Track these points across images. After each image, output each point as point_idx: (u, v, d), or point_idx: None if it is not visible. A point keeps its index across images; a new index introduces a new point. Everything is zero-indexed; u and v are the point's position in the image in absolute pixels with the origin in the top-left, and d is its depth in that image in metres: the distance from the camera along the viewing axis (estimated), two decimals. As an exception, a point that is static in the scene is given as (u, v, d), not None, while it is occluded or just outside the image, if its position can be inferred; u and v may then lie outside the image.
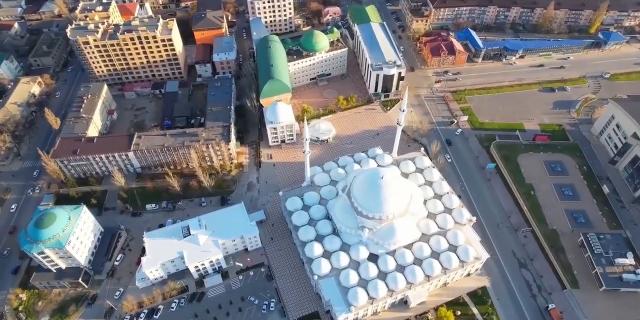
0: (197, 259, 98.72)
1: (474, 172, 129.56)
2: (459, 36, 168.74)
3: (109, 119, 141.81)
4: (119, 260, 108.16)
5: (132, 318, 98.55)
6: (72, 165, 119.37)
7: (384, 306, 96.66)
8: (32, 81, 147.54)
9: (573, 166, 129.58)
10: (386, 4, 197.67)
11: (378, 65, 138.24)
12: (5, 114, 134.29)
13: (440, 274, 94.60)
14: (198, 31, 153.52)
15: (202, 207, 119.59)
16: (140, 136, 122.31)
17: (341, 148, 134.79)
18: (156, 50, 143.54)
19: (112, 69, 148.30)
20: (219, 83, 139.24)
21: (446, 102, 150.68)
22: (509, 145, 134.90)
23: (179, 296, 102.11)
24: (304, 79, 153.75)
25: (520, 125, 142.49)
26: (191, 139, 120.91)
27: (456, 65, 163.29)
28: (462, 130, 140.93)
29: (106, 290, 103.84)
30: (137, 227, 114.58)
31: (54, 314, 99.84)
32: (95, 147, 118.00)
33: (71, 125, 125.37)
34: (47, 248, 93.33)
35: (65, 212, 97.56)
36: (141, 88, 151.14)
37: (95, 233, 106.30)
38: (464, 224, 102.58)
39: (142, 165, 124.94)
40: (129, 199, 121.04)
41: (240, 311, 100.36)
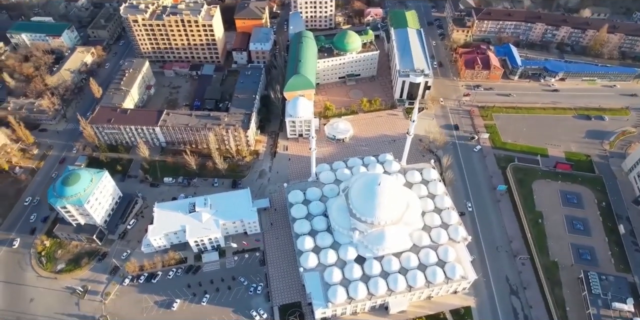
0: (197, 235, 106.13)
1: (484, 191, 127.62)
2: (498, 51, 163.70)
3: (146, 94, 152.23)
4: (132, 224, 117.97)
5: (132, 279, 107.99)
6: (105, 132, 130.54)
7: (363, 308, 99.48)
8: (87, 51, 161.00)
9: (591, 200, 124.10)
10: (431, 10, 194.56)
11: (405, 72, 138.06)
12: (59, 78, 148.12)
13: (423, 287, 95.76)
14: (239, 19, 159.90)
15: (213, 187, 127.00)
16: (169, 113, 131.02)
17: (355, 149, 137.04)
18: (197, 34, 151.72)
19: (155, 47, 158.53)
20: (250, 71, 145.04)
21: (471, 117, 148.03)
22: (527, 169, 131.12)
23: (178, 266, 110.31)
24: (333, 77, 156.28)
25: (543, 150, 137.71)
26: (213, 122, 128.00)
27: (490, 81, 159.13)
28: (482, 148, 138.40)
29: (115, 250, 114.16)
30: (153, 197, 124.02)
31: (69, 263, 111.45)
32: (128, 118, 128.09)
33: (111, 95, 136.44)
34: (69, 204, 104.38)
35: (89, 174, 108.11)
36: (180, 68, 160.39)
37: (113, 197, 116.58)
38: (459, 241, 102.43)
39: (167, 141, 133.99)
40: (150, 170, 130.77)
41: (229, 289, 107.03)
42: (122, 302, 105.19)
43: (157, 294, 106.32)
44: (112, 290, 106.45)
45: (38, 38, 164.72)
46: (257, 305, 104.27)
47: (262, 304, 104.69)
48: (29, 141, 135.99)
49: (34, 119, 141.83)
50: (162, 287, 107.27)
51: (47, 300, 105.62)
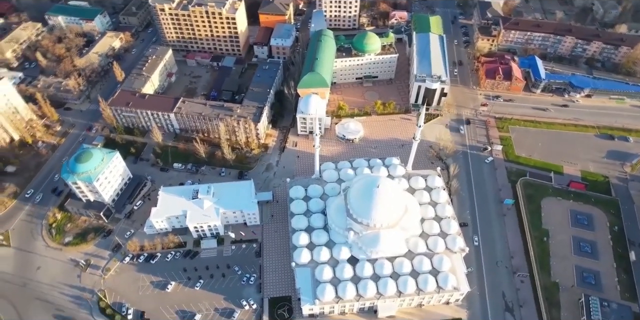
0: (197, 221, 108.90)
1: (490, 204, 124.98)
2: (522, 62, 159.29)
3: (167, 81, 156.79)
4: (138, 205, 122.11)
5: (133, 257, 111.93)
6: (123, 115, 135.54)
7: (351, 309, 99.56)
8: (116, 36, 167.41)
9: (603, 223, 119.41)
10: (459, 16, 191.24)
11: (422, 77, 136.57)
12: (87, 61, 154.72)
13: (413, 294, 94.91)
14: (263, 14, 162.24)
15: (220, 177, 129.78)
16: (184, 101, 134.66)
17: (364, 150, 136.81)
18: (220, 26, 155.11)
19: (180, 36, 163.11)
20: (267, 66, 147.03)
21: (487, 127, 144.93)
22: (538, 185, 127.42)
23: (176, 250, 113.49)
24: (350, 77, 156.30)
25: (558, 167, 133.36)
26: (226, 113, 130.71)
27: (511, 92, 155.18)
28: (494, 160, 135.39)
29: (120, 228, 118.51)
30: (161, 181, 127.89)
31: (76, 237, 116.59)
32: (145, 103, 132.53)
33: (132, 80, 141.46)
34: (80, 180, 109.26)
35: (101, 153, 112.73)
36: (201, 58, 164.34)
37: (123, 178, 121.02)
38: (455, 252, 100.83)
39: (181, 128, 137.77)
40: (162, 155, 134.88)
41: (223, 276, 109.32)
42: (120, 278, 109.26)
43: (154, 274, 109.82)
44: (113, 267, 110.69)
45: (72, 21, 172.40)
46: (248, 295, 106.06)
47: (253, 294, 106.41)
48: (53, 118, 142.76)
49: (60, 98, 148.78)
50: (160, 268, 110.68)
51: (52, 270, 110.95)
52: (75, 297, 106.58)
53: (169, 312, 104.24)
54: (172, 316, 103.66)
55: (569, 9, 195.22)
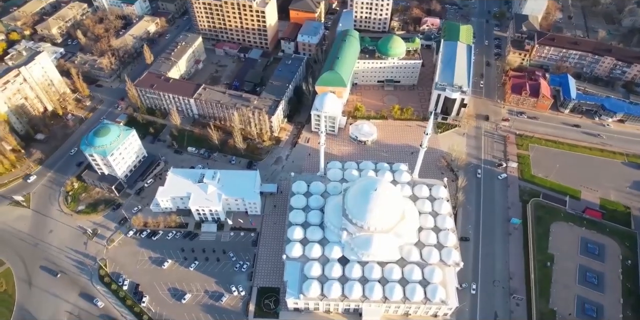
0: (199, 204, 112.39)
1: (496, 221, 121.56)
2: (553, 80, 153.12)
3: (194, 67, 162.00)
4: (149, 183, 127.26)
5: (136, 232, 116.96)
6: (147, 96, 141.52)
7: (336, 308, 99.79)
8: (152, 21, 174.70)
9: (615, 255, 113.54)
10: (494, 28, 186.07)
11: (442, 85, 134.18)
12: (122, 42, 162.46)
13: (399, 301, 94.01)
14: (293, 10, 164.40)
15: (230, 164, 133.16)
16: (205, 88, 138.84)
17: (374, 153, 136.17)
18: (249, 19, 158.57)
19: (211, 26, 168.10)
20: (290, 61, 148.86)
21: (505, 143, 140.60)
22: (550, 208, 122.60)
23: (178, 229, 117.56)
24: (372, 79, 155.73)
25: (576, 191, 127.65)
26: (243, 103, 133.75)
27: (537, 110, 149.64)
28: (507, 177, 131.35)
29: (129, 203, 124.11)
30: (174, 163, 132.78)
31: (88, 207, 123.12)
32: (168, 86, 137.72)
33: (160, 63, 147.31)
34: (96, 153, 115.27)
35: (118, 130, 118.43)
36: (229, 48, 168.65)
37: (138, 155, 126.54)
38: (449, 265, 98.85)
39: (200, 113, 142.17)
40: (178, 137, 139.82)
41: (217, 261, 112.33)
42: (122, 250, 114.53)
43: (153, 250, 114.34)
44: (116, 239, 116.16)
45: (115, 4, 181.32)
46: (238, 282, 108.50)
47: (243, 281, 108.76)
48: (84, 93, 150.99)
49: (93, 75, 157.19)
50: (159, 245, 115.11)
51: (62, 234, 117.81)
52: (78, 262, 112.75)
53: (162, 288, 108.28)
54: (164, 292, 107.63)
55: (614, 28, 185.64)
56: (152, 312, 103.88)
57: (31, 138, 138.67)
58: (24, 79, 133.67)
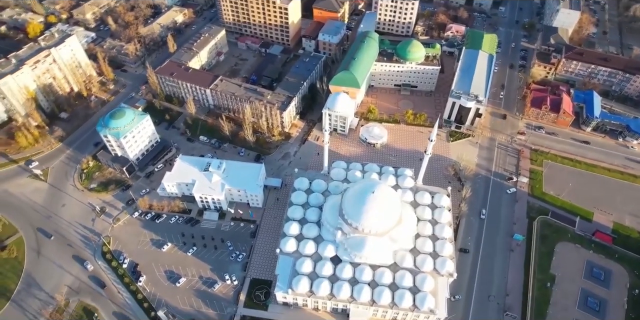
0: (202, 191, 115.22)
1: (499, 235, 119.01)
2: (577, 96, 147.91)
3: (216, 59, 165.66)
4: (159, 168, 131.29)
5: (141, 214, 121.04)
6: (166, 83, 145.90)
7: (324, 307, 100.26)
8: (180, 11, 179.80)
9: (622, 282, 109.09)
10: (522, 39, 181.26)
11: (458, 93, 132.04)
12: (149, 29, 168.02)
13: (386, 306, 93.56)
14: (316, 9, 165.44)
15: (239, 156, 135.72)
16: (222, 80, 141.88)
17: (382, 156, 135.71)
18: (272, 15, 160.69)
19: (236, 19, 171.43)
20: (308, 59, 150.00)
21: (519, 157, 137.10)
22: (557, 227, 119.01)
23: (181, 215, 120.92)
24: (388, 82, 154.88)
25: (588, 213, 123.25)
26: (256, 97, 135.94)
27: (556, 125, 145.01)
28: (516, 191, 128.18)
29: (138, 185, 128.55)
30: (185, 150, 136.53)
31: (99, 185, 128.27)
32: (187, 75, 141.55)
33: (182, 53, 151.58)
34: (110, 134, 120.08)
35: (132, 114, 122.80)
36: (251, 42, 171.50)
37: (151, 140, 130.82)
38: (442, 275, 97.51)
39: (215, 104, 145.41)
40: (192, 126, 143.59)
41: (215, 249, 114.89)
42: (126, 230, 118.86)
43: (155, 233, 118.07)
44: (122, 218, 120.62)
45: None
46: (232, 271, 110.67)
47: (237, 271, 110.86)
48: (109, 77, 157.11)
49: (119, 60, 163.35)
50: (161, 228, 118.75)
51: (73, 209, 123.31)
52: (85, 237, 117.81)
53: (159, 269, 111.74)
54: (160, 274, 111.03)
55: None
56: (147, 292, 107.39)
57: (55, 116, 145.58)
58: (53, 60, 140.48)
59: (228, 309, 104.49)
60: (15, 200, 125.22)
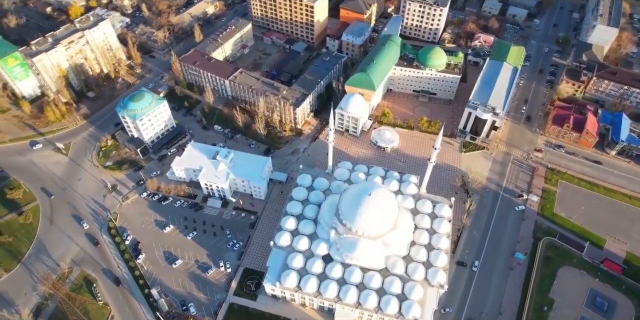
0: (207, 178, 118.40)
1: (501, 253, 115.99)
2: (605, 117, 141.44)
3: (240, 52, 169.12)
4: (172, 152, 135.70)
5: (149, 195, 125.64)
6: (189, 71, 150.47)
7: (311, 303, 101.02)
8: (211, 3, 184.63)
9: (626, 316, 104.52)
10: (554, 53, 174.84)
11: (475, 104, 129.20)
12: (180, 18, 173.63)
13: (371, 310, 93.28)
14: (343, 9, 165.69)
15: (249, 147, 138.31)
16: (242, 72, 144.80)
17: (391, 161, 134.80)
18: (299, 12, 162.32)
19: (264, 14, 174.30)
20: (329, 58, 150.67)
21: (533, 175, 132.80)
22: (563, 250, 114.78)
23: (186, 199, 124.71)
24: (407, 87, 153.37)
25: (600, 239, 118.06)
26: (272, 91, 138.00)
27: (578, 146, 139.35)
28: (525, 209, 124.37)
29: (150, 167, 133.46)
30: (199, 137, 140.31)
31: (114, 164, 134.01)
32: (209, 66, 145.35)
33: (207, 43, 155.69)
34: (127, 116, 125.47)
35: (151, 98, 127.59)
36: (277, 38, 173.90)
37: (166, 125, 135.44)
38: (433, 286, 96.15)
39: (233, 95, 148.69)
40: (208, 115, 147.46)
41: (214, 235, 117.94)
42: (132, 208, 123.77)
43: (160, 214, 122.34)
44: (131, 197, 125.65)
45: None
46: (227, 259, 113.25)
47: (232, 259, 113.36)
48: (137, 61, 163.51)
49: (149, 46, 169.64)
50: (166, 210, 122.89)
51: (87, 184, 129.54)
52: (94, 212, 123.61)
53: (159, 250, 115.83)
54: (159, 254, 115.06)
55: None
56: (144, 270, 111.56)
57: (83, 95, 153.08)
58: (86, 41, 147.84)
59: (218, 295, 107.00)
60: (37, 171, 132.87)
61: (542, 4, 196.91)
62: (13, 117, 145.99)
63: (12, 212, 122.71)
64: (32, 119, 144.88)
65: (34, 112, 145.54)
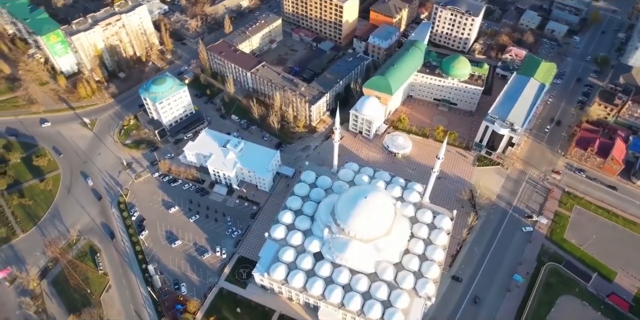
0: (215, 165, 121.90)
1: (500, 272, 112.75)
2: (635, 145, 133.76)
3: (268, 46, 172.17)
4: (188, 137, 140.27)
5: (160, 175, 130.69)
6: (214, 61, 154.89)
7: (297, 298, 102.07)
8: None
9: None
10: (591, 73, 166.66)
11: (493, 118, 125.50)
12: (214, 9, 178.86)
13: (354, 313, 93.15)
14: (373, 11, 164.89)
15: (262, 140, 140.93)
16: (264, 65, 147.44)
17: (400, 167, 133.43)
18: (328, 12, 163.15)
19: (295, 11, 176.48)
20: (352, 59, 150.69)
21: (547, 197, 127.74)
22: (567, 278, 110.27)
23: (194, 183, 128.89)
24: (428, 95, 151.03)
25: (611, 272, 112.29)
26: (291, 87, 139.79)
27: (602, 172, 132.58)
28: (533, 231, 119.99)
29: (165, 149, 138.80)
30: (216, 125, 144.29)
31: (133, 142, 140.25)
32: (233, 57, 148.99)
33: (235, 35, 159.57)
34: (148, 98, 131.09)
35: (172, 83, 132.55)
36: (305, 35, 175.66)
37: (185, 110, 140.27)
38: (420, 296, 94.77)
39: (254, 87, 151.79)
40: (228, 104, 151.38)
41: (215, 221, 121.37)
42: (143, 187, 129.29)
43: (168, 195, 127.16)
44: (143, 176, 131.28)
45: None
46: (224, 245, 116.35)
47: (229, 246, 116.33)
48: (168, 47, 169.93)
49: (181, 33, 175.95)
50: (174, 192, 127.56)
51: (105, 159, 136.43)
52: (108, 186, 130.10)
53: (162, 228, 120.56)
54: (161, 233, 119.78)
55: None
56: (145, 246, 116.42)
57: (114, 75, 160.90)
58: (122, 25, 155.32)
59: (210, 278, 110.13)
60: (63, 142, 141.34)
61: (586, 21, 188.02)
62: (50, 90, 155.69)
63: (36, 178, 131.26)
64: (66, 93, 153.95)
65: (68, 87, 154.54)
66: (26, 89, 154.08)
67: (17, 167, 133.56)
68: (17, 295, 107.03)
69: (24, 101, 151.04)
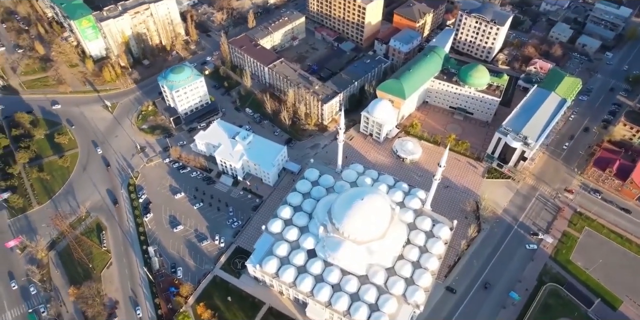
0: (222, 156, 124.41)
1: (497, 288, 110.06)
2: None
3: (289, 43, 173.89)
4: (201, 126, 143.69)
5: (171, 161, 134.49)
6: (235, 54, 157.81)
7: (287, 293, 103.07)
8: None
9: None
10: (621, 91, 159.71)
11: (506, 130, 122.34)
12: (240, 4, 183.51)
13: (340, 313, 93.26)
14: (397, 15, 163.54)
15: (273, 135, 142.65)
16: (282, 62, 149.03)
17: (407, 173, 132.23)
18: (351, 12, 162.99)
19: (319, 10, 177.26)
20: (369, 61, 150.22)
21: (556, 215, 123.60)
22: (567, 301, 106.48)
23: (202, 172, 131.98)
24: (444, 102, 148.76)
25: (616, 300, 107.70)
26: (305, 84, 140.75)
27: (619, 195, 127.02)
28: (537, 249, 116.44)
29: (178, 137, 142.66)
30: (229, 117, 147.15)
31: (149, 128, 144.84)
32: (253, 51, 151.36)
33: (257, 30, 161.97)
34: (165, 85, 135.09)
35: (190, 72, 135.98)
36: (327, 34, 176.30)
37: (201, 99, 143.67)
38: (408, 303, 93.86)
39: (270, 82, 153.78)
40: (243, 97, 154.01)
41: (218, 210, 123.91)
42: (153, 171, 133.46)
43: (176, 180, 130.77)
44: (155, 161, 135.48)
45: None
46: (224, 234, 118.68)
47: (228, 235, 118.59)
48: (193, 38, 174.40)
49: (207, 25, 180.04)
50: (182, 178, 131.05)
51: (121, 142, 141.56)
52: (121, 167, 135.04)
53: (166, 213, 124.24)
54: (165, 217, 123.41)
55: None
56: (148, 228, 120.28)
57: (139, 61, 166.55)
58: (150, 14, 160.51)
59: (206, 265, 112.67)
60: (85, 123, 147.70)
61: (622, 37, 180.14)
62: (79, 72, 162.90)
63: (55, 154, 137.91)
64: (92, 76, 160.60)
65: (95, 70, 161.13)
66: (57, 69, 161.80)
67: (40, 142, 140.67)
68: (25, 262, 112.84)
69: (53, 81, 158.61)
